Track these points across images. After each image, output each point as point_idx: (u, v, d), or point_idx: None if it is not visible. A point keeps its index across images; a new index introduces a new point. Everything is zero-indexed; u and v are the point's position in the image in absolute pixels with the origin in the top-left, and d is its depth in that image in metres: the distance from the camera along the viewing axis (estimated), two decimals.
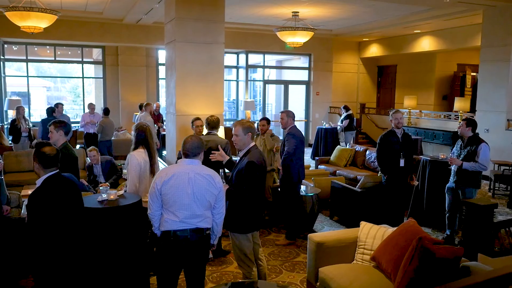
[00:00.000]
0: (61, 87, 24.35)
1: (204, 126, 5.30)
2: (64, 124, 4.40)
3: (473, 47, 11.36)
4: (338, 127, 11.62)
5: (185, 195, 3.06)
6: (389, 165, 5.47)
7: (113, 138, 9.75)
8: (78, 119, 12.11)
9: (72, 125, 10.27)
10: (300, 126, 11.78)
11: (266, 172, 4.28)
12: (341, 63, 14.93)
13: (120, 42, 12.23)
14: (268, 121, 6.28)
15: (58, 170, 3.02)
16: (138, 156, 4.13)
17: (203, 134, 5.63)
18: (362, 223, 3.93)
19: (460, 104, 10.70)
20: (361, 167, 8.47)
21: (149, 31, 12.08)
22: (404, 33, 12.92)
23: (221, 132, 6.26)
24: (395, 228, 3.69)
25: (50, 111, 8.53)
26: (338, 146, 9.53)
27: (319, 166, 8.79)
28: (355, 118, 12.07)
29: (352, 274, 3.49)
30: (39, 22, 8.24)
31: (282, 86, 15.16)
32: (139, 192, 4.09)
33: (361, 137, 13.77)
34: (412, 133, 11.56)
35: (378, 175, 7.13)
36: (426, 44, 12.59)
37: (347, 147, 9.28)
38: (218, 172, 4.02)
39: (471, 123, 5.55)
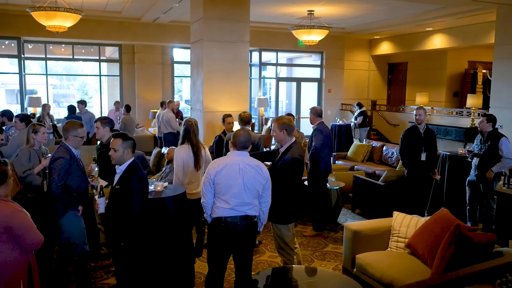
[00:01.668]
0: (69, 85, 24.58)
1: (237, 122, 5.51)
2: (109, 120, 4.64)
3: (485, 44, 11.53)
4: (352, 124, 11.82)
5: (236, 184, 3.28)
6: (411, 159, 5.69)
7: (134, 135, 9.98)
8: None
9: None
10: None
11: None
12: (352, 60, 15.11)
13: (137, 40, 12.46)
14: (292, 117, 6.48)
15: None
16: (182, 152, 4.37)
17: (233, 131, 5.87)
18: (395, 213, 4.15)
19: (473, 101, 10.85)
20: (378, 162, 8.68)
21: (165, 30, 12.30)
22: (415, 31, 13.07)
23: None
24: (427, 218, 3.92)
25: (73, 109, 8.80)
26: (355, 142, 9.74)
27: (336, 161, 8.99)
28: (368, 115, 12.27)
29: (389, 260, 3.72)
30: (64, 21, 8.47)
31: (294, 83, 15.36)
32: (183, 185, 4.33)
33: (372, 134, 13.95)
34: None
35: (397, 168, 7.37)
36: (437, 41, 12.75)
37: (364, 143, 9.48)
38: None
39: (491, 119, 5.78)
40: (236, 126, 5.96)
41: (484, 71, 13.12)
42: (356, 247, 3.97)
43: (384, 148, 8.71)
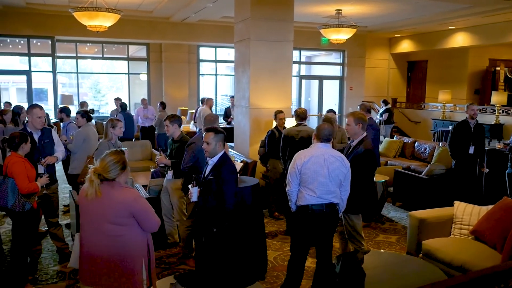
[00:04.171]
0: (81, 83, 24.84)
1: (294, 118, 5.75)
2: (177, 118, 4.90)
3: (508, 42, 11.73)
4: (377, 120, 12.05)
5: (321, 174, 3.55)
6: (459, 151, 5.96)
7: None
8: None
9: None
10: None
11: None
12: (373, 58, 15.33)
13: (165, 39, 12.73)
14: (334, 113, 6.73)
15: None
16: None
17: (285, 127, 6.12)
18: (456, 203, 4.41)
19: (497, 98, 11.08)
20: (410, 158, 8.91)
21: (193, 29, 12.56)
22: (437, 29, 13.24)
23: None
24: (489, 206, 4.17)
25: (125, 106, 9.13)
26: (386, 138, 9.98)
27: None
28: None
29: (457, 245, 3.98)
30: (105, 21, 8.74)
31: (314, 81, 15.58)
32: None
33: (393, 130, 14.16)
34: (447, 126, 12.00)
35: (432, 163, 7.60)
36: (459, 39, 12.92)
37: (395, 139, 9.72)
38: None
39: None
40: (287, 122, 6.23)
41: (506, 68, 13.31)
42: (421, 234, 4.23)
43: (416, 144, 8.94)
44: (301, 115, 5.53)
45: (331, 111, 6.89)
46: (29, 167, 3.93)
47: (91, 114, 6.37)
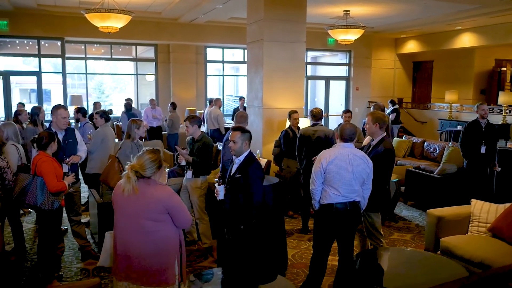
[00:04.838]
0: (84, 84, 24.97)
1: (308, 118, 5.84)
2: (197, 119, 4.97)
3: None
4: None
5: (346, 173, 3.63)
6: (471, 151, 6.04)
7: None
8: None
9: None
10: (339, 120, 12.24)
11: None
12: (379, 59, 15.41)
13: (173, 40, 12.82)
14: (351, 113, 6.81)
15: None
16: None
17: (299, 127, 6.20)
18: (473, 201, 4.48)
19: (505, 98, 11.16)
20: (419, 157, 8.98)
21: (201, 30, 12.65)
22: (443, 29, 13.31)
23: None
24: (507, 204, 4.25)
25: (130, 107, 9.19)
26: (395, 138, 10.05)
27: None
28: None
29: (475, 242, 4.06)
30: (116, 22, 8.84)
31: (323, 81, 15.67)
32: None
33: (400, 131, 14.22)
34: (454, 126, 12.08)
35: (442, 162, 7.67)
36: (466, 40, 12.99)
37: (404, 139, 9.79)
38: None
39: None
40: (300, 122, 6.31)
41: None
42: (439, 231, 4.30)
43: (425, 143, 9.02)
44: (317, 115, 5.61)
45: (348, 111, 6.94)
46: (57, 166, 4.02)
47: (109, 115, 6.44)
